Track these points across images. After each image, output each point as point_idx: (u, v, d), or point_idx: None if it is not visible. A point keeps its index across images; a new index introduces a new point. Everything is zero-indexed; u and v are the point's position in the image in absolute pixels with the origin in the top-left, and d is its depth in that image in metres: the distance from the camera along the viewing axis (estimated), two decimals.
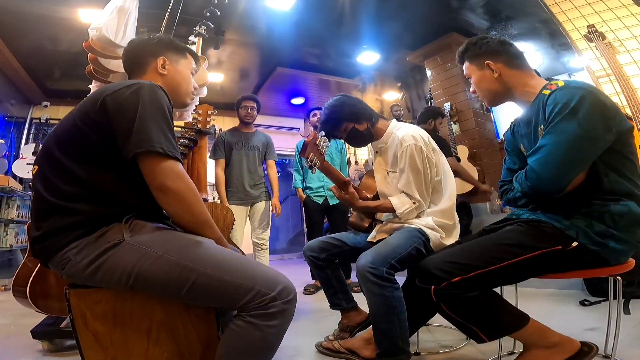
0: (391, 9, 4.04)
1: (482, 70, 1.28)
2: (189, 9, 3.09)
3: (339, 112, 1.65)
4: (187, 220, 0.95)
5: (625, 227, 1.06)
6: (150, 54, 1.14)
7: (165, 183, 0.89)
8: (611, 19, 3.20)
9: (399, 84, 6.39)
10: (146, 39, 1.18)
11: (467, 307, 1.14)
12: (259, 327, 0.85)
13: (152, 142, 0.88)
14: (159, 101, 0.94)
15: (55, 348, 1.72)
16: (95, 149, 0.91)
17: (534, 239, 1.13)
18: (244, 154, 3.02)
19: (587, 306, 2.09)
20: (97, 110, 0.91)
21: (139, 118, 0.89)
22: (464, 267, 1.12)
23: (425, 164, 1.55)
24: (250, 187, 2.97)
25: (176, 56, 1.19)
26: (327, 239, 1.77)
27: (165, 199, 0.91)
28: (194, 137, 2.17)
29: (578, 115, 1.03)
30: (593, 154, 1.06)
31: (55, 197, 0.89)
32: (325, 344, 1.66)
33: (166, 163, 0.90)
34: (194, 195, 0.94)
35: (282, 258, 6.89)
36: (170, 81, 1.15)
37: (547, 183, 1.07)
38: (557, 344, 1.13)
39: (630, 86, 2.93)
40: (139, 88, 0.94)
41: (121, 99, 0.91)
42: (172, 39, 1.22)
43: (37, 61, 4.50)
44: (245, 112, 3.04)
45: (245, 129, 3.12)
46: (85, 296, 0.92)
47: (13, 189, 3.64)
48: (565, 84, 1.12)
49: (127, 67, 1.18)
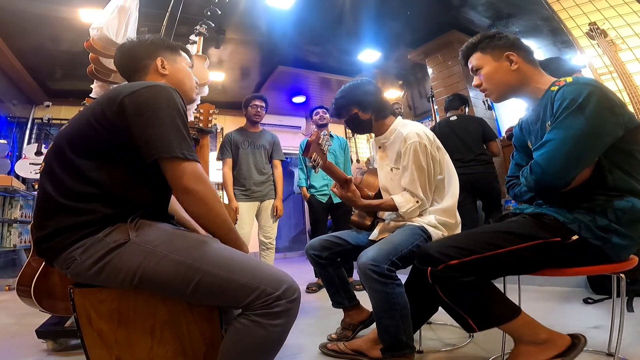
0: (392, 6, 4.04)
1: (499, 62, 1.27)
2: (190, 8, 3.09)
3: (351, 93, 1.68)
4: (209, 220, 0.97)
5: (628, 222, 1.07)
6: (146, 56, 1.14)
7: (189, 186, 0.90)
8: (613, 16, 3.19)
9: (400, 82, 6.38)
10: (137, 42, 1.17)
11: (460, 292, 1.15)
12: (263, 326, 0.85)
13: (173, 148, 0.89)
14: (175, 103, 0.95)
15: (60, 347, 1.73)
16: (107, 148, 0.92)
17: (534, 229, 1.13)
18: (251, 152, 3.02)
19: (591, 304, 2.09)
20: (116, 110, 0.91)
21: (159, 122, 0.90)
22: (462, 250, 1.13)
23: (429, 162, 1.55)
24: (258, 185, 2.97)
25: (172, 55, 1.19)
26: (330, 238, 1.77)
27: (188, 201, 0.92)
28: (196, 136, 2.17)
29: (585, 111, 1.04)
30: (599, 150, 1.07)
31: (64, 197, 0.90)
32: (330, 346, 1.64)
33: (188, 166, 0.91)
34: (215, 196, 0.96)
35: (284, 256, 6.90)
36: (174, 80, 1.15)
37: (551, 177, 1.08)
38: (547, 340, 1.13)
39: (632, 83, 2.92)
40: (158, 90, 0.94)
41: (140, 101, 0.92)
42: (164, 38, 1.22)
43: (39, 61, 4.52)
44: (255, 111, 3.04)
45: (253, 129, 3.12)
46: (90, 295, 0.92)
47: (16, 189, 3.64)
48: (574, 80, 1.12)
49: (123, 71, 1.16)
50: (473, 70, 1.34)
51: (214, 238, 0.99)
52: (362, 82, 1.71)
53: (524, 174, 1.19)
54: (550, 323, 1.17)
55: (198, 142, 2.20)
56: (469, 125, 3.16)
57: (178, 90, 1.13)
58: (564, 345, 1.11)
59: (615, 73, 3.04)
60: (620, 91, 2.98)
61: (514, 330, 1.16)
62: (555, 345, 1.12)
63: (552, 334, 1.14)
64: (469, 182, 2.89)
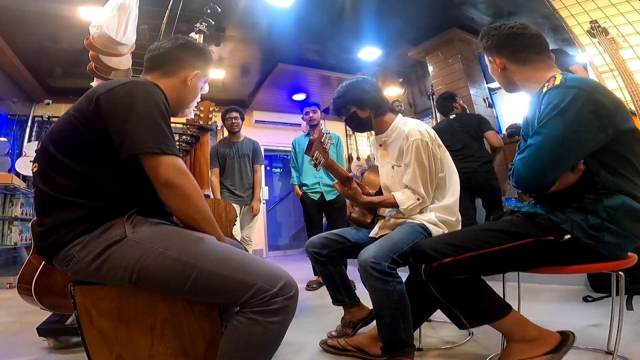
0: (392, 4, 4.03)
1: (491, 63, 1.34)
2: (190, 6, 3.09)
3: (349, 92, 1.69)
4: (190, 216, 0.96)
5: (621, 220, 1.06)
6: (188, 65, 1.15)
7: (169, 179, 0.90)
8: (614, 14, 3.18)
9: (400, 80, 6.37)
10: (195, 47, 1.17)
11: (453, 290, 1.17)
12: (260, 323, 0.85)
13: (149, 143, 0.89)
14: (154, 98, 0.95)
15: (61, 345, 1.73)
16: (90, 146, 0.92)
17: (527, 228, 1.15)
18: (237, 162, 3.33)
19: (590, 302, 2.09)
20: (92, 108, 0.91)
21: (135, 118, 0.90)
22: (456, 248, 1.15)
23: (430, 160, 1.55)
24: (241, 192, 3.31)
25: (203, 72, 1.20)
26: (330, 235, 1.77)
27: (169, 195, 0.92)
28: (196, 133, 2.17)
29: (567, 115, 1.04)
30: (579, 155, 1.07)
31: (55, 192, 0.91)
32: (330, 342, 1.64)
33: (168, 159, 0.91)
34: (197, 191, 0.95)
35: (284, 254, 6.91)
36: (187, 94, 1.16)
37: (528, 182, 1.12)
38: (537, 337, 1.14)
39: (633, 81, 2.91)
40: (133, 87, 0.94)
41: (114, 99, 0.92)
42: (210, 54, 1.23)
43: (39, 59, 4.51)
44: (230, 123, 3.32)
45: (234, 138, 3.40)
46: (90, 293, 0.93)
47: (17, 187, 3.65)
48: (560, 82, 1.11)
49: (154, 63, 1.14)
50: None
51: (211, 236, 0.98)
52: (358, 80, 1.71)
53: (509, 173, 1.22)
54: (550, 321, 1.18)
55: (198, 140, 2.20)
56: (468, 122, 3.15)
57: (179, 102, 1.14)
58: (554, 342, 1.13)
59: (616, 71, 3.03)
60: (621, 89, 2.97)
61: (505, 328, 1.18)
62: (545, 342, 1.13)
63: (542, 331, 1.16)
64: (465, 180, 2.88)
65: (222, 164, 3.32)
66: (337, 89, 1.73)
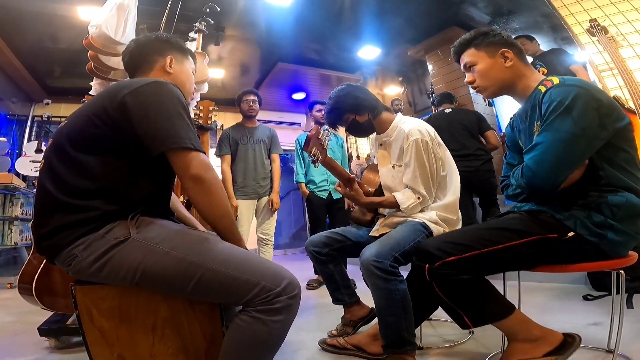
0: (392, 3, 4.02)
1: (494, 58, 1.27)
2: (189, 6, 3.08)
3: (341, 102, 1.65)
4: (212, 210, 0.97)
5: (624, 218, 1.07)
6: (157, 52, 1.16)
7: (198, 173, 0.93)
8: (614, 13, 3.17)
9: (400, 79, 6.37)
10: (153, 38, 1.19)
11: (457, 289, 1.16)
12: (264, 322, 0.86)
13: (183, 139, 0.92)
14: (178, 97, 0.97)
15: (62, 345, 1.73)
16: (108, 143, 0.93)
17: (531, 226, 1.15)
18: (250, 148, 2.99)
19: (591, 301, 2.09)
20: (116, 107, 0.92)
21: (165, 116, 0.93)
22: (460, 247, 1.14)
23: (431, 159, 1.54)
24: (257, 181, 2.95)
25: (181, 56, 1.21)
26: (330, 234, 1.77)
27: (196, 189, 0.94)
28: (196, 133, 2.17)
29: (572, 113, 1.04)
30: (588, 152, 1.07)
31: (64, 194, 0.90)
32: (329, 341, 1.65)
33: (197, 156, 0.94)
34: (221, 187, 0.99)
35: (284, 253, 6.91)
36: (176, 80, 1.16)
37: (542, 181, 1.09)
38: (539, 337, 1.14)
39: (633, 80, 2.91)
40: (159, 86, 0.96)
41: (142, 97, 0.93)
42: (178, 39, 1.24)
43: (38, 59, 4.51)
44: (247, 106, 3.03)
45: (249, 124, 3.10)
46: (91, 293, 0.93)
47: (17, 187, 3.64)
48: (560, 81, 1.13)
49: (130, 65, 1.17)
50: (466, 67, 1.34)
51: (214, 235, 0.99)
52: (345, 88, 1.67)
53: (515, 176, 1.20)
54: (550, 319, 1.18)
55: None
56: (465, 117, 3.09)
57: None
58: (556, 342, 1.13)
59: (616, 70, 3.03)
60: (620, 88, 2.97)
61: (508, 328, 1.18)
62: (547, 342, 1.13)
63: (545, 331, 1.16)
64: (465, 178, 2.86)
65: (234, 150, 2.97)
66: (326, 104, 1.69)
